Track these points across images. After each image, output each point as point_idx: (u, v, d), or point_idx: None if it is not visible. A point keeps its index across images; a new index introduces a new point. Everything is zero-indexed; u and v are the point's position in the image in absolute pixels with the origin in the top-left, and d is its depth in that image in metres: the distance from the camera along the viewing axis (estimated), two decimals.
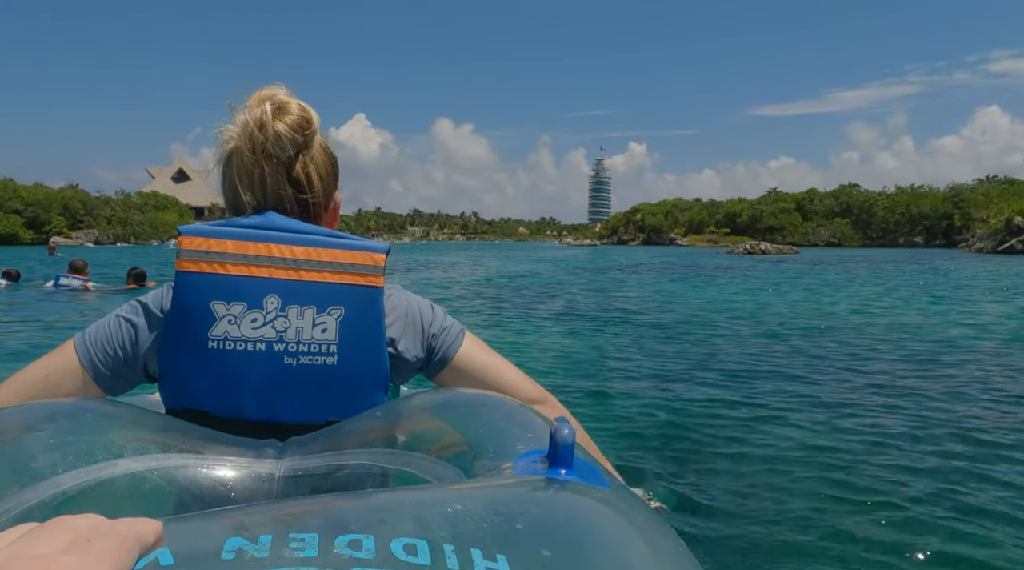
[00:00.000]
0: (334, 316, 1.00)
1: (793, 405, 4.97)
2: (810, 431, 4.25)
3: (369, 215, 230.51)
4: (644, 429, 4.29)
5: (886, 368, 6.44)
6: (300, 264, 1.00)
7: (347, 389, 1.02)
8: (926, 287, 17.37)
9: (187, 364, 1.00)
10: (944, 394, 5.34)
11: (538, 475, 0.68)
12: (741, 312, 11.32)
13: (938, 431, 4.25)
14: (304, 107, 1.10)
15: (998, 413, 4.77)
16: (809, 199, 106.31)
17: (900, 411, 4.82)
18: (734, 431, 4.23)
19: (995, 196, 79.37)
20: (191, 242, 1.00)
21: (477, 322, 10.11)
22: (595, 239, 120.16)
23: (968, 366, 6.50)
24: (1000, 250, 48.64)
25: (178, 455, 0.90)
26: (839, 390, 5.53)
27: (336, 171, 1.20)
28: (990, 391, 5.44)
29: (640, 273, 24.53)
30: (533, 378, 1.22)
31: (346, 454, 0.93)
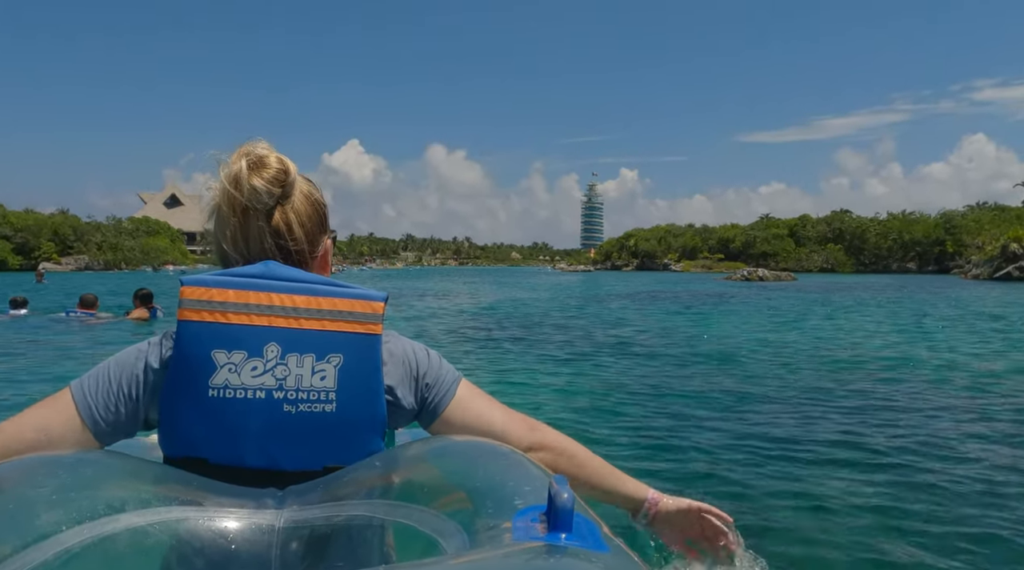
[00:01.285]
0: (333, 364, 1.01)
1: (849, 456, 4.50)
2: (856, 481, 3.97)
3: (362, 241, 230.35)
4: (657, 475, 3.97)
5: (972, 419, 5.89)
6: (300, 313, 1.02)
7: (345, 436, 1.03)
8: (968, 320, 16.92)
9: (187, 412, 1.01)
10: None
11: (538, 541, 0.68)
12: (779, 350, 10.80)
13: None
14: (282, 160, 1.13)
15: None
16: (802, 225, 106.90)
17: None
18: (761, 481, 3.97)
19: (986, 222, 79.92)
20: (193, 292, 1.02)
21: (473, 359, 9.57)
22: (589, 264, 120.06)
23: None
24: (996, 277, 48.61)
25: (179, 508, 0.90)
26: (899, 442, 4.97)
27: (323, 217, 1.21)
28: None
29: (642, 303, 24.03)
30: (538, 417, 1.22)
31: (346, 505, 0.93)
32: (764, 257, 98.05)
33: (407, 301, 24.33)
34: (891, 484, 3.98)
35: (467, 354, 10.25)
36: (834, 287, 37.72)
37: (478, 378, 8.04)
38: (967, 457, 4.64)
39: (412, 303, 23.21)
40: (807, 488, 3.86)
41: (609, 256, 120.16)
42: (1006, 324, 14.86)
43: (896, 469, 4.37)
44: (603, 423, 5.56)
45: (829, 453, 4.67)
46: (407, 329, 14.19)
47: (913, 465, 4.45)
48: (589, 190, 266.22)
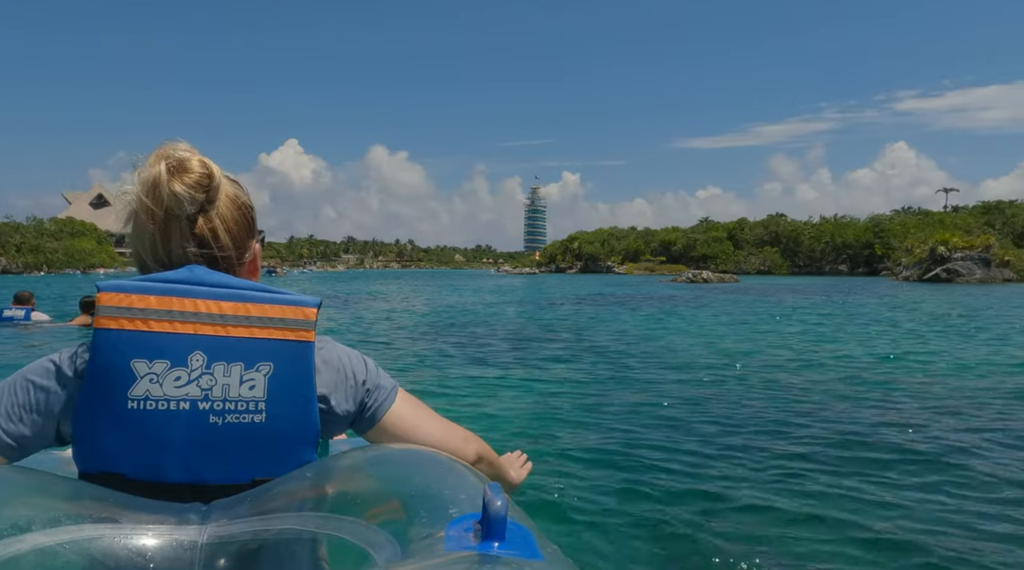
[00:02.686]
0: (263, 372, 0.98)
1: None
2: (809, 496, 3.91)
3: (302, 242, 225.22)
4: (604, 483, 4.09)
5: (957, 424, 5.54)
6: (228, 320, 0.98)
7: (276, 447, 1.00)
8: (935, 320, 17.08)
9: (104, 426, 0.97)
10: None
11: (470, 550, 0.67)
12: (735, 352, 10.44)
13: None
14: (205, 163, 1.08)
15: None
16: (740, 228, 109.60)
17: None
18: (713, 486, 4.04)
19: (912, 226, 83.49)
20: (111, 298, 0.97)
21: (416, 365, 9.04)
22: (533, 267, 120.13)
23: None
24: (926, 279, 50.60)
25: (92, 525, 0.85)
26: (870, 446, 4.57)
27: (250, 221, 1.16)
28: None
29: (594, 305, 23.68)
30: (479, 424, 1.23)
31: (274, 518, 0.90)
32: (704, 259, 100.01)
33: (349, 305, 23.37)
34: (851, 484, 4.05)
35: (409, 360, 9.73)
36: (781, 289, 38.40)
37: (422, 385, 7.69)
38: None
39: (354, 307, 22.27)
40: (762, 490, 3.96)
41: (553, 259, 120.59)
42: (984, 325, 15.09)
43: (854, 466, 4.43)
44: (554, 429, 5.47)
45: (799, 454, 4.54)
46: (348, 334, 13.42)
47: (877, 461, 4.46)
48: (532, 193, 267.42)
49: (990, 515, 3.60)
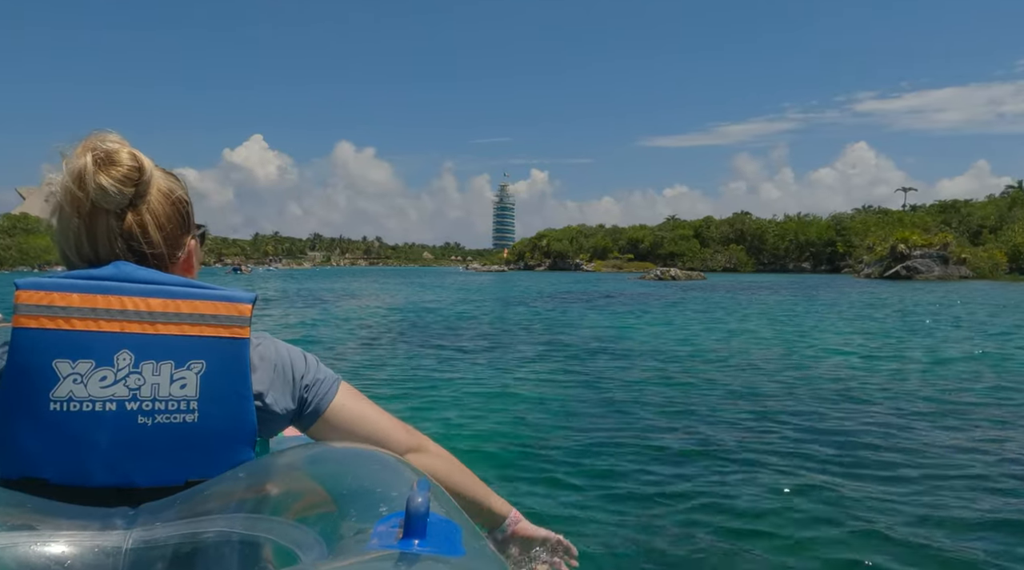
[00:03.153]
0: (194, 371, 0.96)
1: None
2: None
3: (267, 240, 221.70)
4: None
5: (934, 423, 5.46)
6: (156, 317, 0.95)
7: (209, 447, 0.98)
8: (926, 320, 17.23)
9: (24, 429, 0.93)
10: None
11: (390, 549, 0.67)
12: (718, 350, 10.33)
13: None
14: (135, 155, 1.03)
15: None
16: (706, 226, 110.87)
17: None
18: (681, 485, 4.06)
19: (872, 225, 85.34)
20: (30, 296, 0.94)
21: (381, 365, 8.75)
22: (502, 264, 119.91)
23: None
24: (887, 276, 51.71)
25: (7, 533, 0.82)
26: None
27: (185, 216, 1.11)
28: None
29: (566, 303, 23.54)
30: (440, 422, 1.21)
31: (204, 520, 0.87)
32: (671, 257, 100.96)
33: (314, 303, 22.86)
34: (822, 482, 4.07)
35: (375, 359, 9.43)
36: (749, 286, 38.82)
37: (387, 386, 7.45)
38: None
39: (320, 305, 21.79)
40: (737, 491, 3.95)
41: (522, 256, 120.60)
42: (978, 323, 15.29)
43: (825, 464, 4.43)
44: (525, 428, 5.37)
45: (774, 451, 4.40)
46: (311, 332, 13.07)
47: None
48: (501, 190, 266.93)
49: (964, 507, 3.69)
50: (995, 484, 4.09)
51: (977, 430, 5.42)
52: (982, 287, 37.38)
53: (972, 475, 4.26)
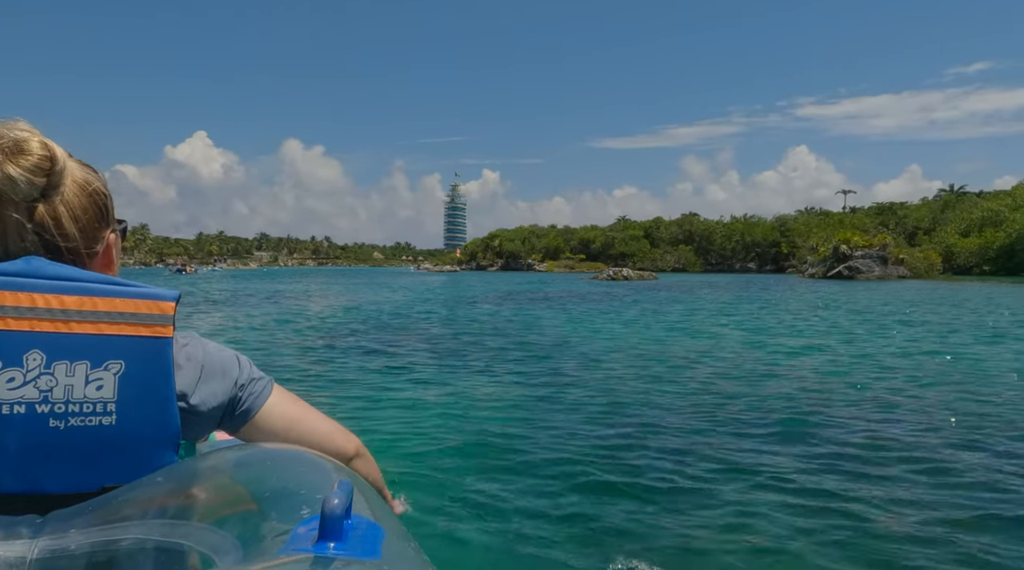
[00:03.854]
0: (112, 371, 0.91)
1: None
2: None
3: (211, 239, 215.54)
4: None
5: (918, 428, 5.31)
6: (71, 315, 0.91)
7: (128, 451, 0.93)
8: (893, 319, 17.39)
9: None
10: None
11: (304, 553, 0.66)
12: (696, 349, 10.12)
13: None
14: (47, 144, 0.99)
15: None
16: (656, 227, 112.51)
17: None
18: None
19: (814, 226, 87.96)
20: None
21: (330, 369, 8.24)
22: (454, 265, 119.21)
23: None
24: (830, 276, 53.17)
25: None
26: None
27: (103, 209, 1.06)
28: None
29: (521, 303, 23.23)
30: (386, 426, 1.21)
31: (118, 527, 0.83)
32: (622, 257, 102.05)
33: (259, 304, 21.98)
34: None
35: (323, 362, 8.96)
36: (701, 285, 39.27)
37: (335, 390, 7.09)
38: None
39: (265, 306, 20.94)
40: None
41: (474, 256, 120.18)
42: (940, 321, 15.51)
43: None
44: (478, 434, 5.24)
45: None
46: (252, 334, 12.40)
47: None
48: (452, 190, 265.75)
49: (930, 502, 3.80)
50: (970, 478, 4.20)
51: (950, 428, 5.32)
52: (924, 286, 38.69)
53: (955, 470, 4.36)
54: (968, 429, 5.42)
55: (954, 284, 41.91)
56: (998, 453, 4.79)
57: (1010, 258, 61.70)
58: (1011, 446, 4.97)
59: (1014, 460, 4.60)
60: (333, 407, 5.97)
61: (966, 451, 4.82)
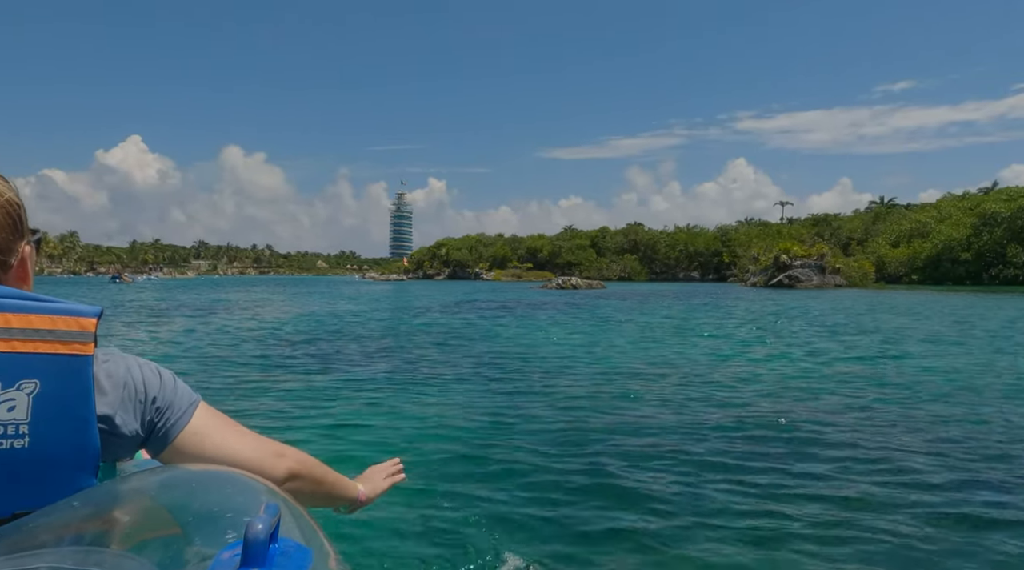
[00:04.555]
0: (26, 391, 0.87)
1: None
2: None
3: (146, 247, 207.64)
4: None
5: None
6: None
7: (42, 475, 0.88)
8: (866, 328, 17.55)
9: None
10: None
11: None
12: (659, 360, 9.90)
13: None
14: None
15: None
16: (602, 236, 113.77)
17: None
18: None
19: (754, 236, 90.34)
20: None
21: (270, 382, 7.75)
22: (401, 274, 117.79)
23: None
24: (771, 284, 54.54)
25: None
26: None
27: (18, 220, 1.01)
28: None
29: (473, 313, 22.84)
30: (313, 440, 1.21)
31: (28, 556, 0.78)
32: (569, 266, 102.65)
33: (195, 315, 20.96)
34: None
35: (263, 375, 8.45)
36: (648, 294, 39.63)
37: (274, 404, 6.65)
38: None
39: (201, 317, 19.96)
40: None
41: (421, 265, 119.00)
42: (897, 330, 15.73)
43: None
44: (425, 446, 5.10)
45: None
46: (185, 348, 11.68)
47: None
48: (398, 198, 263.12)
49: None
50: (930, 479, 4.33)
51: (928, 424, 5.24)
52: (864, 294, 39.99)
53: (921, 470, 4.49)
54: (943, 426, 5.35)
55: (893, 293, 43.53)
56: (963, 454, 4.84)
57: (936, 268, 64.61)
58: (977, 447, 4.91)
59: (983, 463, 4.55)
60: (273, 424, 5.60)
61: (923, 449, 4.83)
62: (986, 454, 4.88)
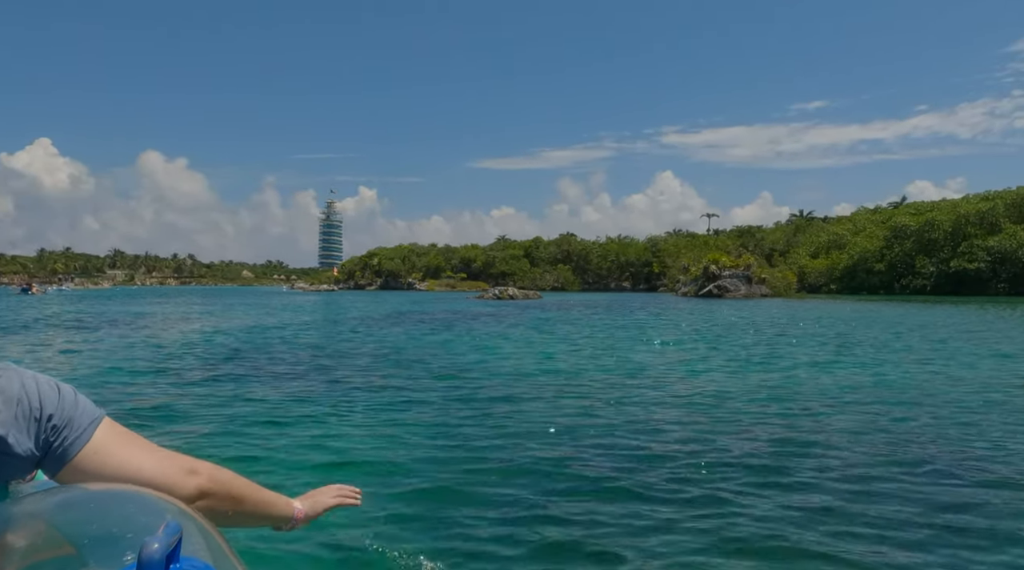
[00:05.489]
0: None
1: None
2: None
3: (55, 256, 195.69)
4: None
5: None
6: None
7: None
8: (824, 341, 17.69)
9: None
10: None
11: None
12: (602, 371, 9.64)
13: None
14: None
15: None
16: (535, 247, 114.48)
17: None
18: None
19: (683, 247, 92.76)
20: None
21: (185, 401, 7.09)
22: (331, 283, 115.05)
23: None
24: (702, 294, 55.93)
25: None
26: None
27: None
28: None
29: (410, 324, 22.24)
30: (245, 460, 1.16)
31: None
32: (503, 276, 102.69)
33: (107, 329, 19.56)
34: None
35: (175, 393, 7.78)
36: (586, 304, 39.81)
37: (189, 423, 6.18)
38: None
39: (114, 330, 18.61)
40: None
41: (352, 275, 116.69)
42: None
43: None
44: (360, 466, 4.89)
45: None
46: (95, 364, 10.61)
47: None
48: (328, 207, 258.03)
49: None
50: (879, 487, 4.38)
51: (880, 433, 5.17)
52: (791, 303, 41.38)
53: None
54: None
55: (818, 302, 45.27)
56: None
57: (852, 278, 67.89)
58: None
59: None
60: (193, 447, 5.11)
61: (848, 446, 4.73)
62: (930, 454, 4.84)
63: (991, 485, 4.41)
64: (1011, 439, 5.65)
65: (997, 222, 60.83)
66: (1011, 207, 61.71)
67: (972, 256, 59.54)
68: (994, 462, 4.96)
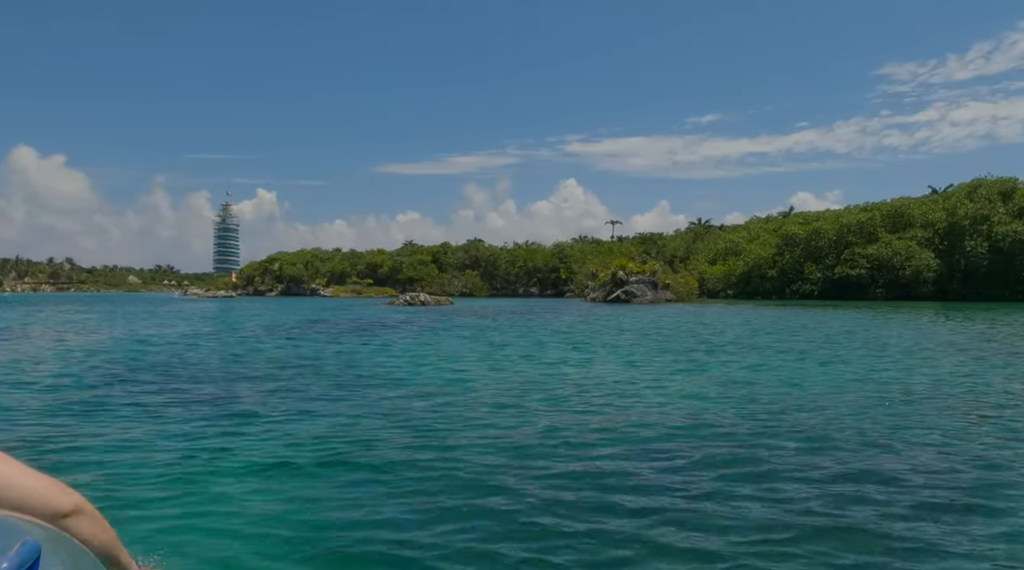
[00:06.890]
0: None
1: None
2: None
3: None
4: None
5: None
6: None
7: None
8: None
9: None
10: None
11: None
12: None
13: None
14: None
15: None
16: (443, 252, 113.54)
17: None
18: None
19: (589, 253, 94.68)
20: None
21: (62, 423, 6.28)
22: (228, 289, 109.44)
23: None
24: (610, 300, 57.00)
25: None
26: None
27: None
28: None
29: (318, 333, 21.14)
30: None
31: None
32: (411, 282, 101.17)
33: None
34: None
35: (48, 415, 6.88)
36: (499, 310, 39.47)
37: (66, 447, 5.45)
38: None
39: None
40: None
41: (251, 280, 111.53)
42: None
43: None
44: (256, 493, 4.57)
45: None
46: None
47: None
48: (223, 210, 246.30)
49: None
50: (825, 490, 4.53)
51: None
52: (695, 308, 42.75)
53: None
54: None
55: (720, 306, 47.02)
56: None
57: (748, 284, 71.31)
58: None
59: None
60: (62, 467, 4.53)
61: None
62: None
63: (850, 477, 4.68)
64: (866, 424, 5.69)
65: (875, 232, 65.62)
66: (887, 217, 66.79)
67: (854, 263, 63.90)
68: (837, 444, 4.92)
